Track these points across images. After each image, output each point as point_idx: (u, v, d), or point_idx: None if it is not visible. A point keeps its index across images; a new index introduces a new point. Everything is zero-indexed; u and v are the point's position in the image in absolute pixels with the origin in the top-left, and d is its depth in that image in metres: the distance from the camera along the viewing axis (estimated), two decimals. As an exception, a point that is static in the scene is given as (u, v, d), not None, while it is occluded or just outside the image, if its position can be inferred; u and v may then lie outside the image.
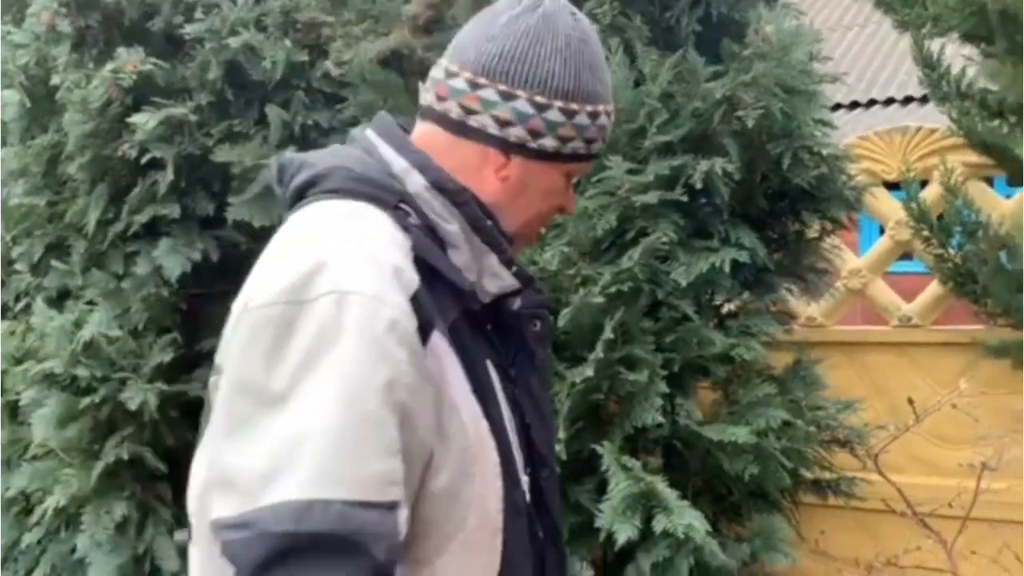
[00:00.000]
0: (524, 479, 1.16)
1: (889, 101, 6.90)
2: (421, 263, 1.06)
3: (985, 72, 3.14)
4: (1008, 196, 4.05)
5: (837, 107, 6.41)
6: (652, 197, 2.78)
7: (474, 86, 1.13)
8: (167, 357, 3.57)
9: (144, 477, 3.68)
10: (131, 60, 3.61)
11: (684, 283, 2.82)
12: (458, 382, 1.07)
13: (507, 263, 1.15)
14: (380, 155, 1.15)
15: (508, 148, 1.14)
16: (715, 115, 2.85)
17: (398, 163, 1.14)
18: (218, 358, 1.07)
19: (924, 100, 5.89)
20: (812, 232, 3.32)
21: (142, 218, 3.64)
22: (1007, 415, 3.55)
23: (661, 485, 2.74)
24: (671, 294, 2.87)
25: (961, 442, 3.63)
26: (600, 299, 2.79)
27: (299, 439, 0.93)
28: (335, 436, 0.93)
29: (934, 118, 4.08)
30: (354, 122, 3.35)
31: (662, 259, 2.87)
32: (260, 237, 3.70)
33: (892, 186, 4.11)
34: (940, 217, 3.69)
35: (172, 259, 3.59)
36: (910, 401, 3.16)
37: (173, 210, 3.63)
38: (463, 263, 1.13)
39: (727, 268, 2.82)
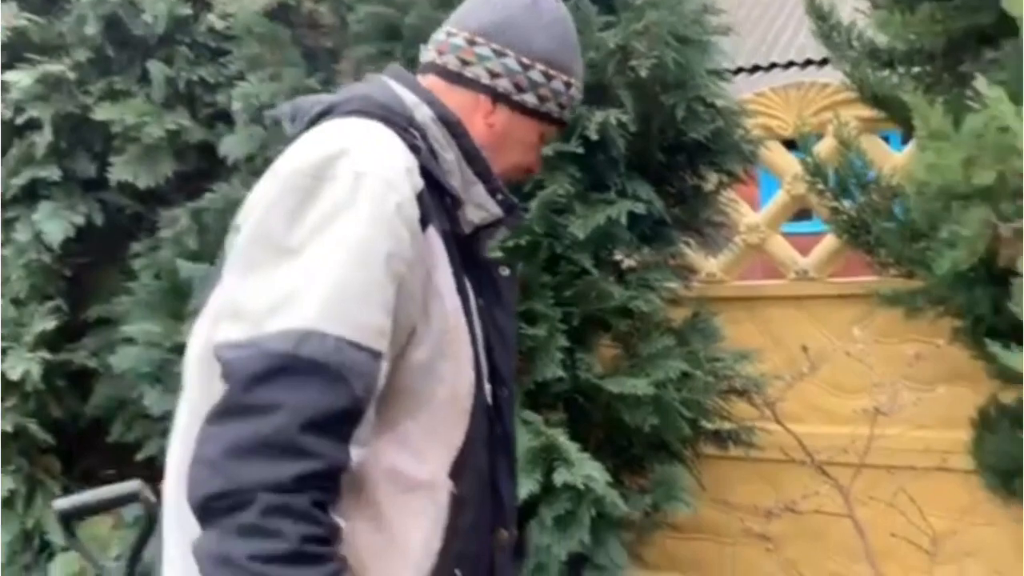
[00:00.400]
0: (487, 386, 1.28)
1: (789, 64, 6.99)
2: (427, 178, 1.20)
3: (874, 22, 3.17)
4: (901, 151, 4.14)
5: (738, 71, 6.47)
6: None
7: (471, 43, 1.34)
8: (50, 325, 3.42)
9: (31, 450, 3.52)
10: (4, 15, 3.42)
11: (582, 236, 2.80)
12: (444, 275, 1.21)
13: (493, 192, 1.30)
14: (393, 91, 1.31)
15: (496, 97, 1.34)
16: (609, 65, 2.82)
17: (409, 97, 1.30)
18: (239, 219, 1.20)
19: (824, 63, 5.98)
20: (709, 186, 3.33)
21: (20, 181, 3.47)
22: (900, 363, 3.64)
23: (562, 438, 2.73)
24: (570, 248, 2.85)
25: (857, 391, 3.71)
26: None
27: (308, 282, 1.08)
28: (341, 285, 1.08)
29: (834, 79, 4.13)
30: (240, 76, 3.22)
31: (559, 212, 2.84)
32: (146, 199, 3.56)
33: (790, 142, 4.15)
34: (836, 172, 3.75)
35: (53, 224, 3.43)
36: (804, 349, 3.21)
37: (52, 172, 3.47)
38: (457, 190, 1.27)
39: (624, 221, 2.81)
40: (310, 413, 1.04)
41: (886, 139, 4.25)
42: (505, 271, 1.37)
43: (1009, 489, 3.54)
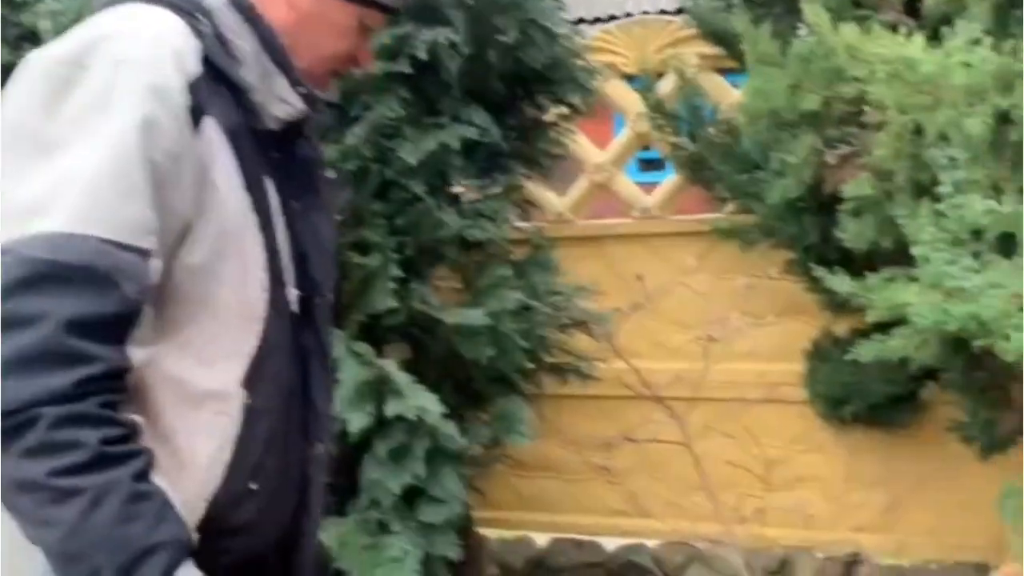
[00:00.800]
0: (293, 291, 1.20)
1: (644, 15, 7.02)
2: (210, 68, 1.11)
3: (709, -47, 3.18)
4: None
5: (580, 21, 6.46)
6: (376, 68, 2.64)
7: None
8: None
9: None
10: None
11: (414, 162, 2.72)
12: (225, 169, 1.11)
13: (295, 84, 1.19)
14: None
15: None
16: (439, -17, 2.74)
17: None
18: None
19: (678, 12, 6.03)
20: (549, 118, 3.30)
21: None
22: (739, 298, 3.72)
23: (393, 368, 2.66)
24: (401, 174, 2.76)
25: (697, 326, 3.78)
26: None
27: (65, 181, 1.02)
28: (98, 181, 1.02)
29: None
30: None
31: (389, 136, 2.74)
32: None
33: (634, 79, 4.16)
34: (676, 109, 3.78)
35: None
36: (639, 278, 3.22)
37: None
38: (252, 82, 1.16)
39: (458, 147, 2.74)
40: (79, 319, 0.99)
41: (735, 84, 4.31)
42: (330, 172, 1.30)
43: (839, 417, 3.67)
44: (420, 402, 2.62)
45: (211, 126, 1.10)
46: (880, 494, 3.62)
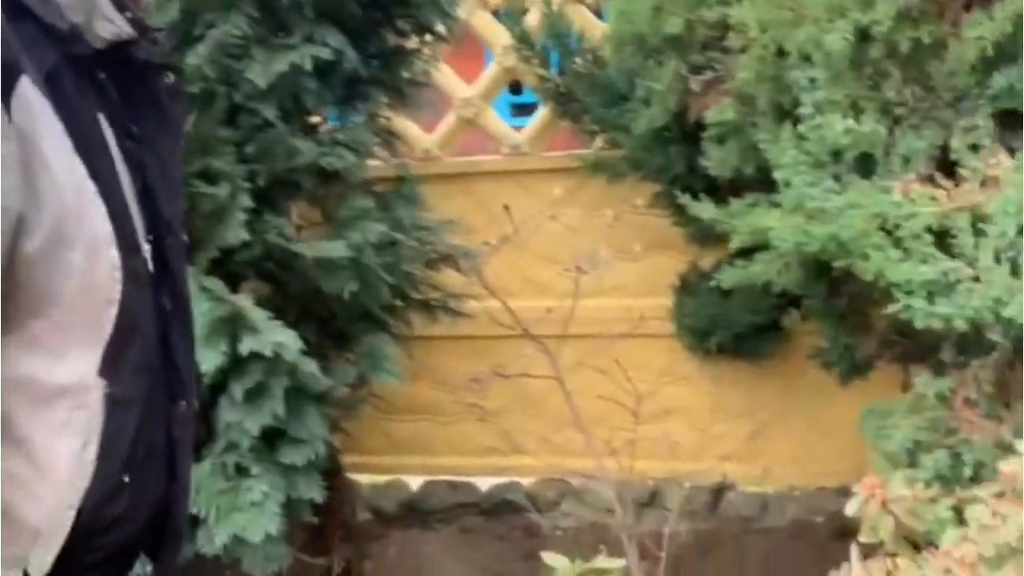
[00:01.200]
0: (146, 247, 1.11)
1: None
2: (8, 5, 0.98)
3: None
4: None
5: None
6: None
7: None
8: None
9: None
10: None
11: (263, 84, 2.56)
12: (55, 138, 1.00)
13: (119, 7, 1.09)
14: None
15: None
16: None
17: None
18: None
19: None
20: (411, 44, 3.17)
21: None
22: (607, 234, 3.70)
23: (247, 303, 2.52)
24: (250, 98, 2.60)
25: (566, 262, 3.74)
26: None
27: None
28: None
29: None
30: None
31: (236, 57, 2.57)
32: None
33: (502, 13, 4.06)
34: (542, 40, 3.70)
35: None
36: (505, 208, 3.15)
37: None
38: (67, 1, 1.04)
39: (310, 68, 2.59)
40: None
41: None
42: (168, 77, 1.18)
43: (705, 348, 3.71)
44: (277, 338, 2.49)
45: (27, 88, 0.97)
46: (745, 423, 3.69)
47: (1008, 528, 1.42)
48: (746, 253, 2.77)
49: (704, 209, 2.74)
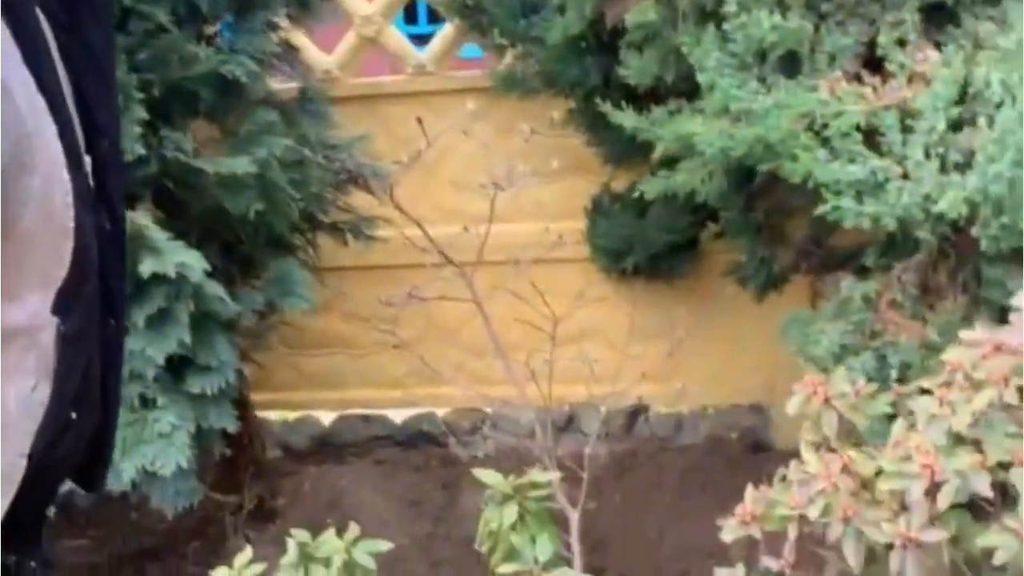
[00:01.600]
0: (87, 159, 1.00)
1: None
2: None
3: None
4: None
5: None
6: None
7: None
8: None
9: None
10: None
11: (155, -14, 2.36)
12: (8, 53, 0.88)
13: None
14: None
15: None
16: None
17: None
18: None
19: None
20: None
21: None
22: (520, 156, 3.59)
23: (146, 221, 2.34)
24: (141, 1, 2.39)
25: (478, 186, 3.63)
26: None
27: None
28: None
29: None
30: None
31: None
32: None
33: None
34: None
35: None
36: (419, 121, 3.01)
37: None
38: None
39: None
40: None
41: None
42: None
43: (621, 269, 3.67)
44: (180, 258, 2.33)
45: None
46: (662, 344, 3.67)
47: (960, 416, 1.39)
48: (668, 165, 2.72)
49: (626, 118, 2.67)
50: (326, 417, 4.10)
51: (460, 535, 3.45)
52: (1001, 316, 2.10)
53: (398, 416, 4.05)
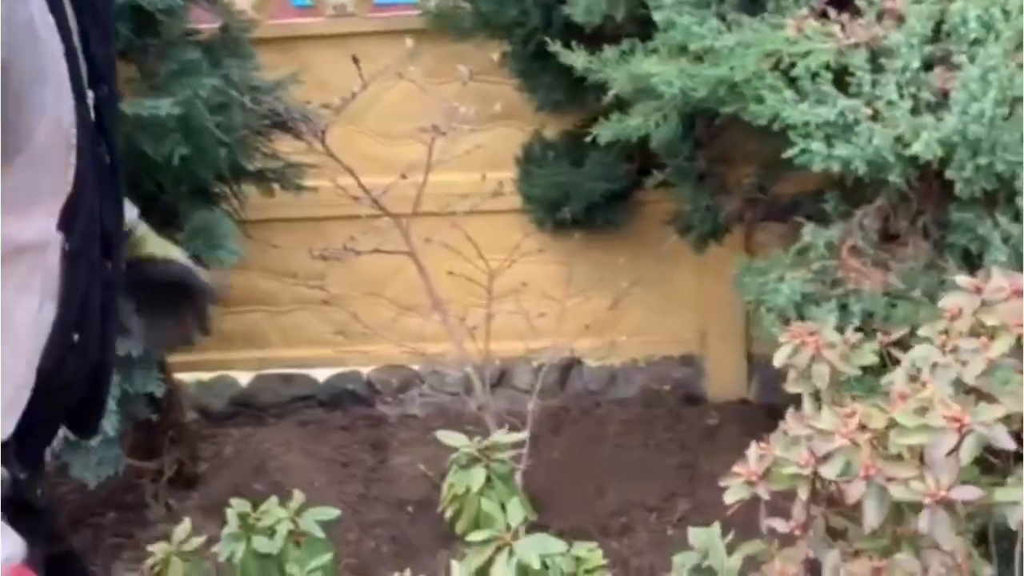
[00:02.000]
0: (90, 94, 1.08)
1: None
2: None
3: None
4: None
5: None
6: None
7: None
8: None
9: None
10: None
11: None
12: None
13: None
14: None
15: None
16: None
17: None
18: None
19: None
20: None
21: None
22: (452, 103, 3.44)
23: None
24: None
25: (408, 135, 3.47)
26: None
27: None
28: None
29: None
30: None
31: None
32: None
33: None
34: None
35: None
36: (355, 60, 2.84)
37: None
38: None
39: None
40: None
41: None
42: None
43: (557, 221, 3.57)
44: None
45: None
46: (598, 297, 3.59)
47: (973, 366, 1.33)
48: (621, 109, 2.61)
49: (576, 58, 2.55)
50: (244, 378, 3.91)
51: (392, 496, 3.34)
52: (966, 260, 2.07)
53: (321, 375, 3.89)
